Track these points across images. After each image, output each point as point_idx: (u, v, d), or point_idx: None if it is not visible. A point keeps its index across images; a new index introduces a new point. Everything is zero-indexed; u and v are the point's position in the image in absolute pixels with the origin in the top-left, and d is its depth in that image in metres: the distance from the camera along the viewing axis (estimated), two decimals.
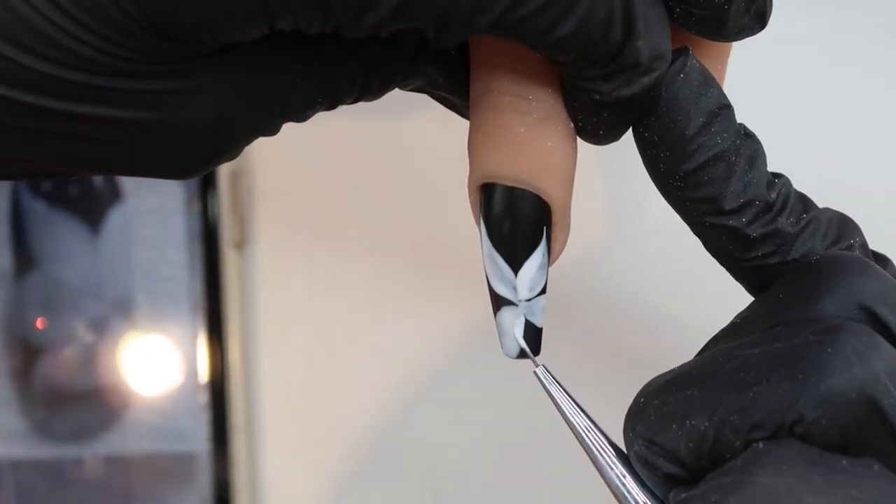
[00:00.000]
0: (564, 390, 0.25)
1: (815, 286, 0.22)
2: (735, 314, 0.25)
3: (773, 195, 0.23)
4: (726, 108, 0.23)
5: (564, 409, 0.24)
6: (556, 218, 0.24)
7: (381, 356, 0.62)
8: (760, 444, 0.21)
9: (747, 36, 0.24)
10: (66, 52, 0.20)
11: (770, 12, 0.24)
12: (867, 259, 0.23)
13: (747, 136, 0.23)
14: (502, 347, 0.25)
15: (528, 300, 0.24)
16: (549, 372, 0.25)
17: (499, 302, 0.25)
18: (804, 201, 0.24)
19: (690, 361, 0.23)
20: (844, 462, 0.20)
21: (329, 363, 0.62)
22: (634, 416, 0.23)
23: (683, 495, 0.21)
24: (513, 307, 0.24)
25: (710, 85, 0.23)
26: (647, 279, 0.60)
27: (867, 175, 0.55)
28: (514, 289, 0.24)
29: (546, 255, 0.24)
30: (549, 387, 0.25)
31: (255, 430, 0.63)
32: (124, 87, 0.21)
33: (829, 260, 0.23)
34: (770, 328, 0.22)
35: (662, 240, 0.60)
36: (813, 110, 0.58)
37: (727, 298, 0.25)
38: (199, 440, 0.62)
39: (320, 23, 0.20)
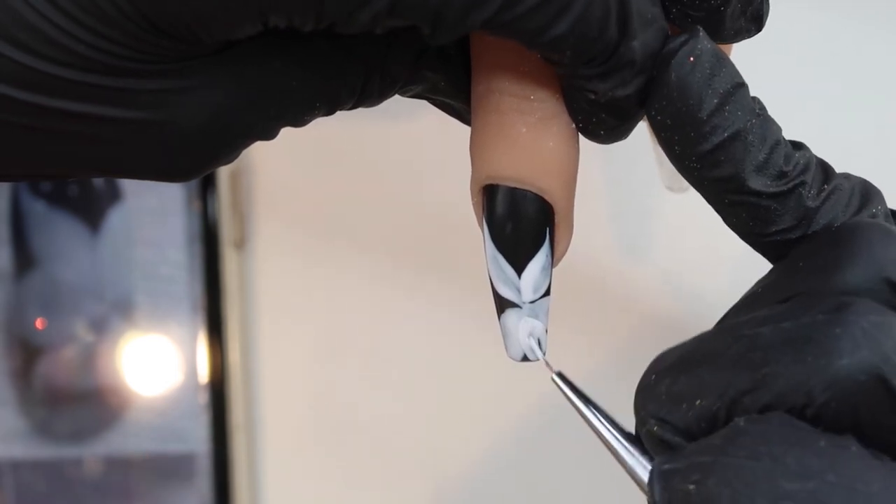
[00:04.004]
0: (581, 393, 0.24)
1: (836, 256, 0.22)
2: None
3: (793, 169, 0.23)
4: (740, 86, 0.22)
5: (583, 412, 0.24)
6: (559, 219, 0.24)
7: (381, 356, 0.62)
8: (741, 422, 0.21)
9: (744, 38, 0.24)
10: (62, 50, 0.20)
11: (767, 15, 0.24)
12: (890, 226, 0.23)
13: (760, 112, 0.23)
14: (507, 350, 0.25)
15: (533, 302, 0.24)
16: (565, 378, 0.25)
17: (503, 304, 0.24)
18: (826, 171, 0.24)
19: (702, 336, 0.23)
20: (822, 443, 0.20)
21: (329, 363, 0.62)
22: (646, 393, 0.23)
23: (667, 466, 0.21)
24: (517, 309, 0.24)
25: (724, 65, 0.22)
26: (651, 278, 0.60)
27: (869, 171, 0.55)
28: (518, 291, 0.24)
29: (550, 256, 0.24)
30: (566, 392, 0.24)
31: (255, 430, 0.62)
32: (121, 86, 0.21)
33: (850, 228, 0.23)
34: (787, 299, 0.22)
35: (666, 238, 0.60)
36: (813, 107, 0.58)
37: (731, 295, 0.25)
38: (199, 440, 0.62)
39: (314, 19, 0.20)
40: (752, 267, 0.25)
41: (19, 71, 0.20)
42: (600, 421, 0.24)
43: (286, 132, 0.24)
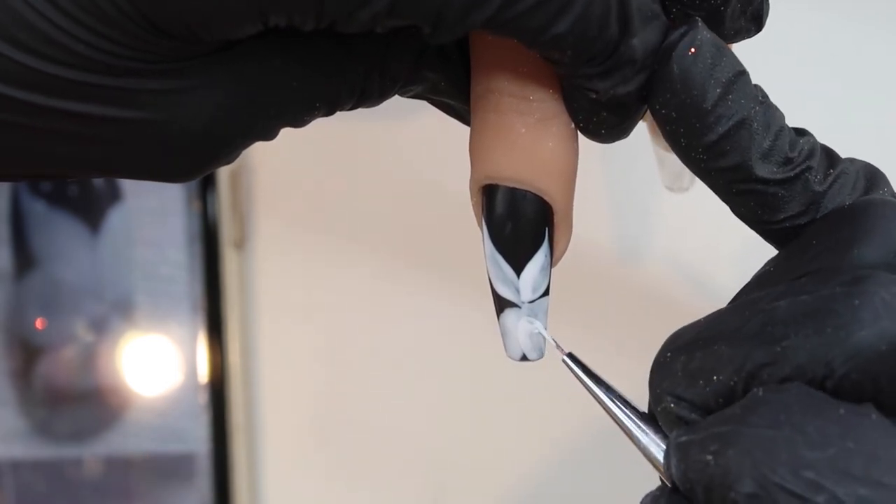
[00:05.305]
0: (593, 374, 0.24)
1: (850, 233, 0.22)
2: None
3: (798, 155, 0.23)
4: (742, 74, 0.22)
5: (596, 393, 0.24)
6: (558, 219, 0.24)
7: (381, 355, 0.62)
8: (760, 392, 0.21)
9: (744, 38, 0.24)
10: (62, 50, 0.20)
11: (767, 15, 0.24)
12: None
13: (763, 99, 0.23)
14: (506, 350, 0.25)
15: (532, 302, 0.24)
16: (577, 359, 0.24)
17: (502, 304, 0.24)
18: (830, 155, 0.24)
19: (716, 314, 0.23)
20: (842, 411, 0.20)
21: (329, 363, 0.62)
22: (661, 371, 0.23)
23: (684, 439, 0.21)
24: (516, 309, 0.24)
25: (724, 53, 0.22)
26: (651, 278, 0.60)
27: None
28: (517, 290, 0.24)
29: (548, 256, 0.24)
30: (578, 373, 0.24)
31: (255, 430, 0.63)
32: (121, 86, 0.21)
33: (863, 205, 0.23)
34: (802, 276, 0.22)
35: (666, 238, 0.60)
36: (813, 107, 0.58)
37: (731, 294, 0.25)
38: (199, 440, 0.62)
39: (315, 18, 0.20)
40: (752, 265, 0.25)
41: (19, 71, 0.20)
42: (613, 401, 0.24)
43: (286, 132, 0.24)
